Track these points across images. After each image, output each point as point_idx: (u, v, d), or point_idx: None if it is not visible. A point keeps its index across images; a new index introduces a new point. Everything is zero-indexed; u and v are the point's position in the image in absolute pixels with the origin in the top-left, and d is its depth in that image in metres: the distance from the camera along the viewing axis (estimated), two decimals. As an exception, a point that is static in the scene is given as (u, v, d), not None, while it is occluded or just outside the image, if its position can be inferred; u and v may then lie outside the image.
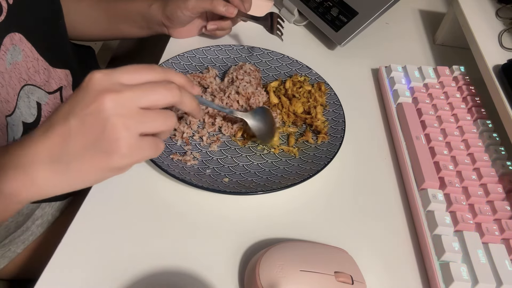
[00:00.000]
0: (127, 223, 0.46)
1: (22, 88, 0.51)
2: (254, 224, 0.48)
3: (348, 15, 0.70)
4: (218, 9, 0.62)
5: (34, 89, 0.53)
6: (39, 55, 0.53)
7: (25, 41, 0.50)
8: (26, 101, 0.52)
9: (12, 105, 0.50)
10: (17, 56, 0.49)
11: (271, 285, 0.38)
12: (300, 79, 0.63)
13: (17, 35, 0.49)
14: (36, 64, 0.52)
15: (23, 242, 0.57)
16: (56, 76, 0.57)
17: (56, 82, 0.57)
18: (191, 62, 0.65)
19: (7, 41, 0.47)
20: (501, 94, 0.55)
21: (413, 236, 0.49)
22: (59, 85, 0.57)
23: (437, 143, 0.55)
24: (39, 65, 0.53)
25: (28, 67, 0.51)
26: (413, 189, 0.51)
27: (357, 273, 0.41)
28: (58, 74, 0.57)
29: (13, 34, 0.48)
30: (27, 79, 0.51)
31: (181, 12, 0.63)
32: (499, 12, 0.66)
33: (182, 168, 0.51)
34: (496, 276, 0.43)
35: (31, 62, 0.52)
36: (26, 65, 0.51)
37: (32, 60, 0.52)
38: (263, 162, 0.54)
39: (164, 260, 0.44)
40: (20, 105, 0.51)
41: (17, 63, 0.49)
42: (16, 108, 0.51)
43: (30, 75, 0.52)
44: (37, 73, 0.53)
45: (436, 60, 0.75)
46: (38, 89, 0.54)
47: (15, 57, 0.49)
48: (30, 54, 0.51)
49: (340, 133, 0.56)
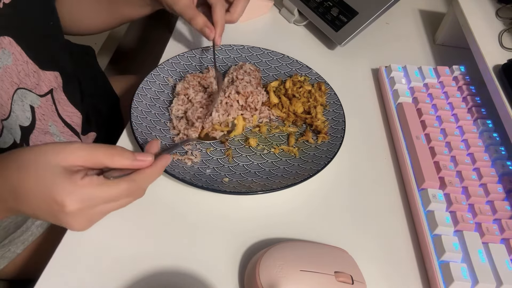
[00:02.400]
0: (127, 223, 0.46)
1: (15, 92, 0.51)
2: (254, 224, 0.48)
3: (348, 15, 0.70)
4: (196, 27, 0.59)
5: (26, 93, 0.53)
6: (28, 58, 0.52)
7: (15, 44, 0.50)
8: (20, 105, 0.52)
9: (7, 109, 0.50)
10: (7, 59, 0.49)
11: (271, 285, 0.38)
12: (300, 79, 0.62)
13: (6, 38, 0.49)
14: (26, 67, 0.52)
15: (22, 243, 0.57)
16: (46, 79, 0.56)
17: (46, 84, 0.56)
18: (191, 62, 0.65)
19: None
20: (501, 94, 0.55)
21: (413, 236, 0.49)
22: (50, 88, 0.57)
23: (437, 143, 0.55)
24: (28, 68, 0.53)
25: (19, 71, 0.51)
26: (413, 189, 0.51)
27: (357, 273, 0.41)
28: (48, 76, 0.57)
29: (2, 37, 0.48)
30: (19, 82, 0.51)
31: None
32: (499, 12, 0.66)
33: (182, 168, 0.51)
34: (496, 276, 0.43)
35: (21, 66, 0.51)
36: (16, 68, 0.51)
37: (22, 63, 0.52)
38: (263, 162, 0.54)
39: (164, 260, 0.44)
40: (15, 109, 0.51)
41: (8, 67, 0.49)
42: (11, 112, 0.51)
43: (21, 78, 0.52)
44: (28, 76, 0.53)
45: (436, 60, 0.75)
46: (30, 93, 0.53)
47: (4, 61, 0.49)
48: (20, 57, 0.51)
49: (340, 133, 0.56)
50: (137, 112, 0.55)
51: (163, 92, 0.60)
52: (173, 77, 0.62)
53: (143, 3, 0.66)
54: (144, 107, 0.57)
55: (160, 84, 0.61)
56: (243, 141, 0.56)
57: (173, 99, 0.58)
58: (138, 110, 0.56)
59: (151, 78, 0.60)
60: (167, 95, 0.60)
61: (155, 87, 0.60)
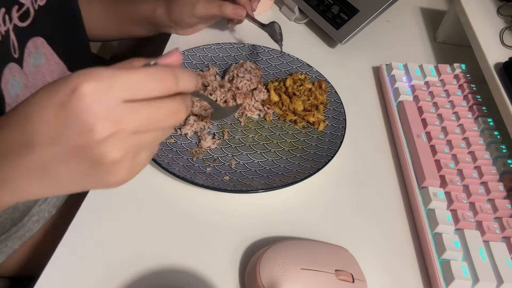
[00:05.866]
0: (127, 221, 0.46)
1: None
2: (255, 222, 0.48)
3: (349, 13, 0.70)
4: (226, 14, 0.63)
5: None
6: (59, 59, 0.54)
7: (47, 45, 0.51)
8: None
9: None
10: (40, 59, 0.50)
11: (272, 283, 0.38)
12: (301, 77, 0.62)
13: (39, 39, 0.50)
14: (57, 68, 0.53)
15: (19, 238, 0.58)
16: None
17: None
18: (192, 60, 0.64)
19: (31, 45, 0.48)
20: (502, 92, 0.55)
21: (413, 234, 0.49)
22: None
23: (438, 141, 0.55)
24: (60, 69, 0.54)
25: (51, 70, 0.52)
26: (414, 187, 0.51)
27: (357, 271, 0.41)
28: None
29: (36, 38, 0.49)
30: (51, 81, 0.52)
31: (189, 18, 0.64)
32: (501, 9, 0.66)
33: (182, 166, 0.51)
34: (497, 274, 0.43)
35: (53, 66, 0.53)
36: (49, 68, 0.52)
37: (54, 64, 0.53)
38: (264, 161, 0.54)
39: (164, 258, 0.44)
40: None
41: (40, 66, 0.50)
42: None
43: (54, 78, 0.53)
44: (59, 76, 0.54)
45: (437, 58, 0.75)
46: None
47: (38, 61, 0.50)
48: (52, 58, 0.52)
49: (341, 131, 0.56)
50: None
51: (164, 90, 0.60)
52: (174, 75, 0.62)
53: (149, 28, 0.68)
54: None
55: (160, 82, 0.61)
56: (243, 139, 0.56)
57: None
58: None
59: (151, 76, 0.60)
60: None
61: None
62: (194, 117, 0.56)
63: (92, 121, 0.26)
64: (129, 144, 0.28)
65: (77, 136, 0.27)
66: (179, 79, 0.29)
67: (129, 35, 0.74)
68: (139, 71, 0.28)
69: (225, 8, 0.62)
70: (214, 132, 0.56)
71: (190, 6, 0.63)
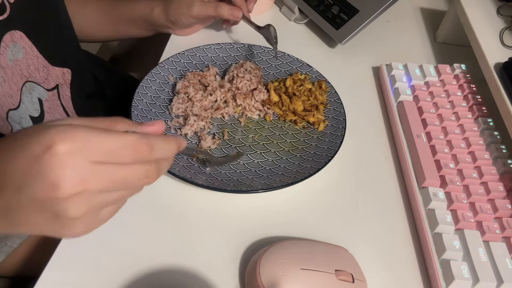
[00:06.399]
0: (127, 222, 0.46)
1: (24, 84, 0.52)
2: (255, 223, 0.48)
3: (349, 13, 0.70)
4: (223, 14, 0.63)
5: (35, 86, 0.54)
6: (38, 52, 0.54)
7: (26, 39, 0.51)
8: (29, 97, 0.53)
9: (17, 100, 0.51)
10: (18, 53, 0.50)
11: (272, 283, 0.38)
12: (301, 77, 0.62)
13: (18, 32, 0.50)
14: (36, 62, 0.53)
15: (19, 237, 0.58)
16: (54, 74, 0.58)
17: (53, 79, 0.58)
18: (192, 60, 0.64)
19: (7, 38, 0.48)
20: (502, 92, 0.55)
21: (413, 235, 0.49)
22: (56, 83, 0.58)
23: (438, 141, 0.55)
24: (38, 63, 0.54)
25: (29, 64, 0.52)
26: (414, 187, 0.51)
27: (357, 271, 0.41)
28: (56, 72, 0.58)
29: (13, 31, 0.49)
30: (28, 75, 0.53)
31: (186, 18, 0.65)
32: (501, 10, 0.66)
33: (182, 166, 0.51)
34: (497, 275, 0.43)
35: (31, 60, 0.53)
36: (26, 62, 0.52)
37: (32, 57, 0.53)
38: (264, 161, 0.54)
39: (164, 258, 0.44)
40: (24, 100, 0.52)
41: (18, 60, 0.50)
42: (21, 103, 0.52)
43: (31, 72, 0.53)
44: (37, 70, 0.54)
45: (437, 58, 0.75)
46: (38, 86, 0.55)
47: (15, 54, 0.50)
48: (30, 52, 0.52)
49: (341, 131, 0.56)
50: (137, 111, 0.55)
51: (164, 90, 0.60)
52: (174, 75, 0.62)
53: (147, 27, 0.69)
54: (144, 105, 0.57)
55: (160, 82, 0.61)
56: (243, 139, 0.56)
57: (173, 98, 0.58)
58: (138, 109, 0.56)
59: (151, 77, 0.60)
60: (168, 93, 0.60)
61: (156, 86, 0.60)
62: (194, 117, 0.56)
63: (59, 179, 0.27)
64: (92, 203, 0.29)
65: (42, 191, 0.27)
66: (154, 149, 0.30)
67: (126, 36, 0.74)
68: (115, 138, 0.29)
69: (221, 9, 0.63)
70: (214, 132, 0.57)
71: (187, 7, 0.63)
